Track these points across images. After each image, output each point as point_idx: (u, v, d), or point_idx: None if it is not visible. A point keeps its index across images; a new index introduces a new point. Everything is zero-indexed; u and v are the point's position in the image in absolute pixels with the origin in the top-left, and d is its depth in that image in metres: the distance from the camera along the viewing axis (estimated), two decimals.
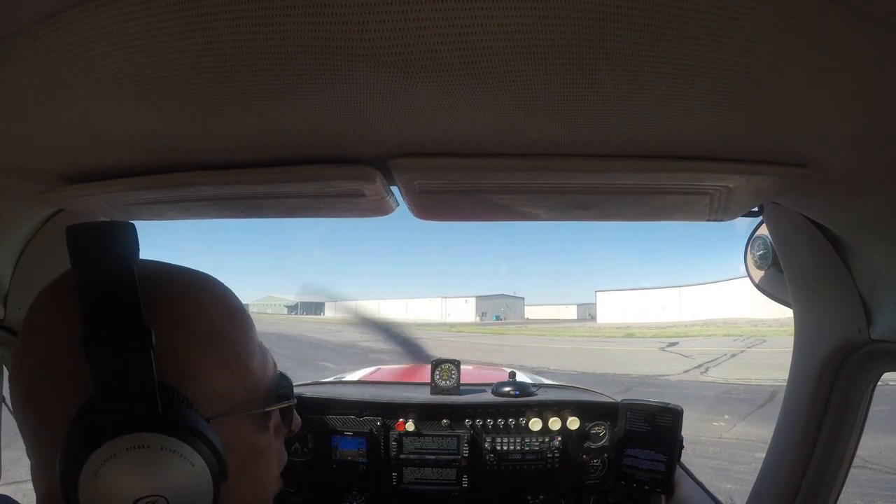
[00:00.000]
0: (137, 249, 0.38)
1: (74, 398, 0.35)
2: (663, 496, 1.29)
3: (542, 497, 1.42)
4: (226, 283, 0.46)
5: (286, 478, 1.44)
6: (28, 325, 0.39)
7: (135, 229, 0.38)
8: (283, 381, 0.48)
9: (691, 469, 1.41)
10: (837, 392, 0.95)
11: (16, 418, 0.39)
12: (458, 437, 1.40)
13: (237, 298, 0.46)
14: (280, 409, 0.47)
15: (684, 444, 1.30)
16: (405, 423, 1.39)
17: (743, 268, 1.16)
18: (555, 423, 1.39)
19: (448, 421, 1.41)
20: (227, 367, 0.41)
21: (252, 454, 0.44)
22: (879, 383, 0.93)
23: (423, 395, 1.51)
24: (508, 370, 1.73)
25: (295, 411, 0.52)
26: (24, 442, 0.39)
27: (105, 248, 0.37)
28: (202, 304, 0.42)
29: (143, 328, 0.35)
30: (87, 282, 0.36)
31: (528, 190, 0.74)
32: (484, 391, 1.58)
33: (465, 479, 1.39)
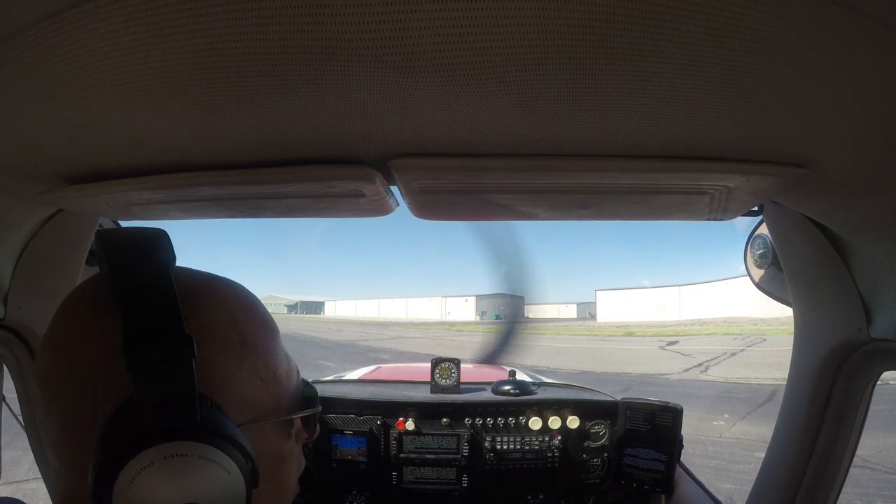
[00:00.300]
0: (174, 257, 0.38)
1: (107, 404, 0.35)
2: (663, 496, 1.29)
3: (541, 496, 1.43)
4: (233, 280, 0.46)
5: None
6: (58, 328, 0.39)
7: (169, 237, 0.39)
8: (308, 389, 0.48)
9: (691, 468, 1.41)
10: (837, 391, 0.95)
11: (37, 420, 0.39)
12: (458, 436, 1.40)
13: (263, 306, 0.46)
14: (303, 416, 0.47)
15: (684, 443, 1.31)
16: (405, 422, 1.39)
17: (743, 267, 1.16)
18: (555, 422, 1.39)
19: (448, 420, 1.41)
20: (257, 374, 0.41)
21: (276, 461, 0.44)
22: (879, 383, 0.93)
23: (423, 394, 1.51)
24: (508, 369, 1.73)
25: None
26: (45, 442, 0.39)
27: (144, 255, 0.37)
28: (233, 312, 0.42)
29: (184, 337, 0.35)
30: (127, 289, 0.36)
31: (528, 190, 0.74)
32: (484, 390, 1.58)
33: (464, 479, 1.39)
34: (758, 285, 1.14)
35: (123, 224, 1.15)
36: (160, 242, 0.38)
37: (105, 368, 0.36)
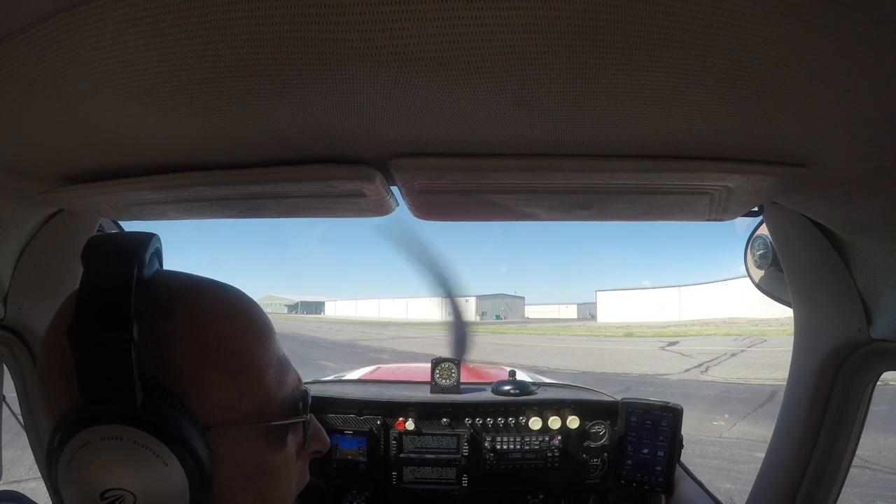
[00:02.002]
0: (144, 254, 0.38)
1: (77, 394, 0.35)
2: (663, 496, 1.29)
3: (541, 496, 1.43)
4: (227, 284, 0.46)
5: None
6: (50, 327, 0.40)
7: (151, 239, 0.40)
8: (302, 398, 0.46)
9: (691, 468, 1.41)
10: (837, 391, 0.95)
11: (41, 415, 0.41)
12: (458, 436, 1.40)
13: (261, 312, 0.46)
14: (302, 429, 0.46)
15: (684, 443, 1.30)
16: (405, 421, 1.39)
17: (743, 267, 1.16)
18: (555, 422, 1.39)
19: (448, 420, 1.41)
20: (234, 378, 0.40)
21: (261, 471, 0.42)
22: (879, 383, 0.93)
23: (424, 394, 1.51)
24: (508, 369, 1.73)
25: (323, 431, 0.50)
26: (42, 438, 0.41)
27: (111, 251, 0.38)
28: (214, 314, 0.41)
29: (126, 322, 0.35)
30: (86, 280, 0.36)
31: (528, 190, 0.74)
32: (484, 390, 1.58)
33: (464, 479, 1.39)
34: (758, 286, 1.14)
35: (123, 224, 1.15)
36: (133, 244, 0.38)
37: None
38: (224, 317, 0.42)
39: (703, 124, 0.55)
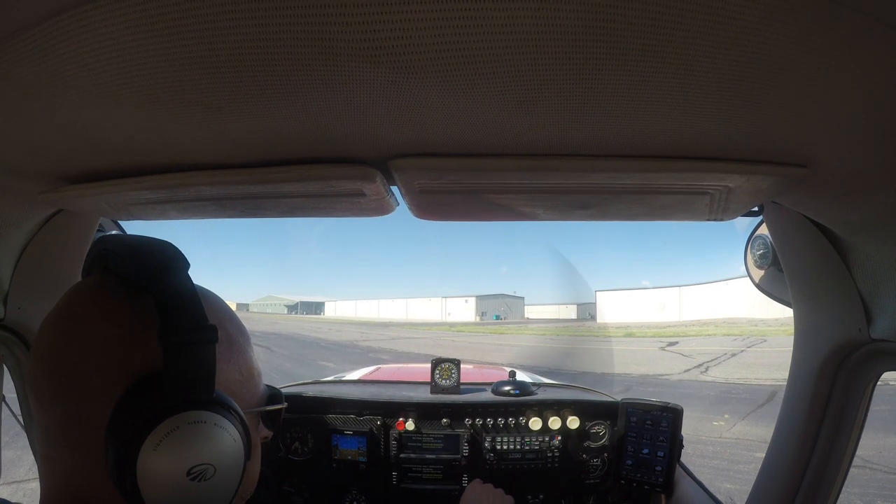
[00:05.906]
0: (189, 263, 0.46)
1: (119, 383, 0.39)
2: (663, 496, 1.29)
3: (541, 496, 1.42)
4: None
5: (285, 477, 1.42)
6: (69, 320, 0.43)
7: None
8: (272, 390, 0.56)
9: (691, 468, 1.41)
10: (837, 391, 0.95)
11: (39, 408, 0.41)
12: (458, 436, 1.40)
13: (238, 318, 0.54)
14: (266, 416, 0.55)
15: (684, 443, 1.30)
16: (405, 422, 1.39)
17: (743, 267, 1.16)
18: (555, 423, 1.39)
19: (448, 420, 1.41)
20: (238, 370, 0.49)
21: (251, 447, 0.48)
22: (879, 383, 0.93)
23: (424, 395, 1.51)
24: (508, 369, 1.73)
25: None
26: (40, 427, 0.42)
27: (171, 258, 0.44)
28: (221, 319, 0.48)
29: (209, 326, 0.41)
30: (162, 284, 0.41)
31: (528, 190, 0.74)
32: (484, 390, 1.58)
33: (465, 479, 1.39)
34: (758, 286, 1.14)
35: (124, 224, 1.15)
36: (178, 251, 0.45)
37: (124, 350, 0.40)
38: (227, 320, 0.49)
39: (703, 124, 0.55)
